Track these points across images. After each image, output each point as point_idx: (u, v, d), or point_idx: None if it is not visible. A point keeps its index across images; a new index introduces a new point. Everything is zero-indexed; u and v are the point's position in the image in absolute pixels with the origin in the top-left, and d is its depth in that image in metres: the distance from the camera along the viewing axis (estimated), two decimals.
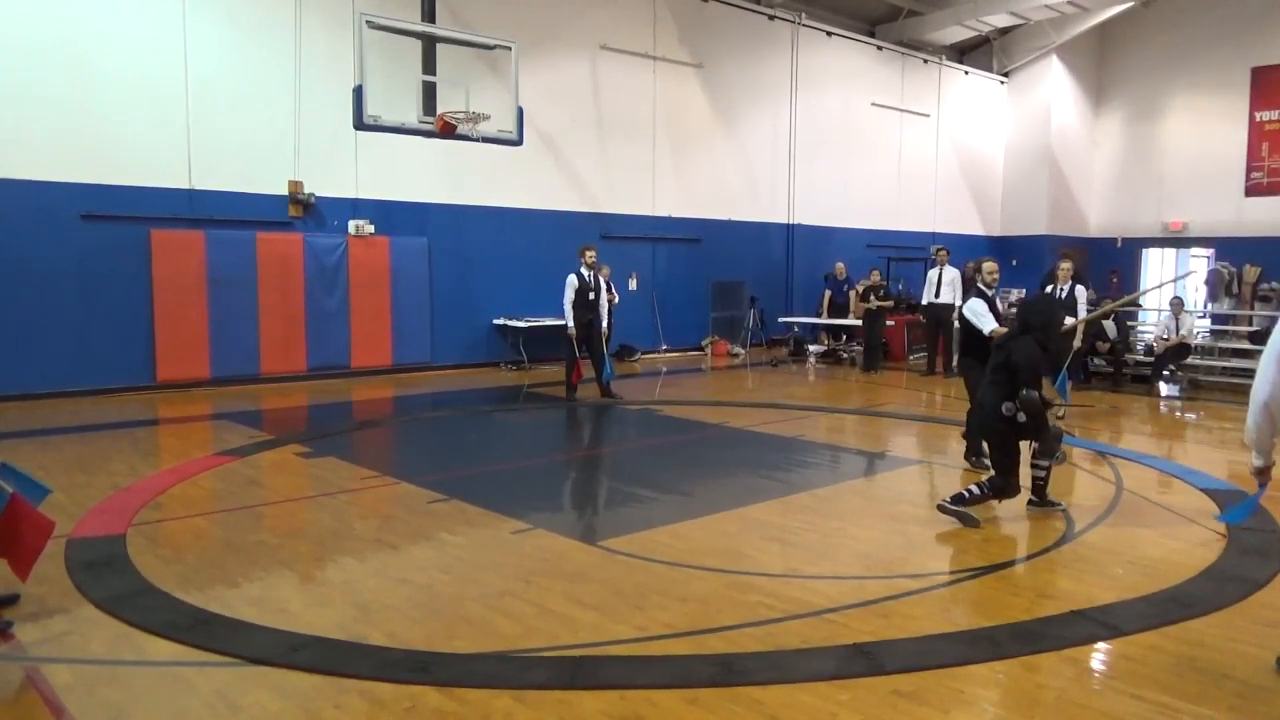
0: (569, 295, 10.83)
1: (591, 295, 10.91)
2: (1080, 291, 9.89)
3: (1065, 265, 10.19)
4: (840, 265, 16.56)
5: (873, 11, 20.21)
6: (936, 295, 13.79)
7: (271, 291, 11.97)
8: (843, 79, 19.36)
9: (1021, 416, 5.85)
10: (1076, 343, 9.59)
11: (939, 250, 14.41)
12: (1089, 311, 13.29)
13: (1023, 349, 5.87)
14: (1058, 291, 9.97)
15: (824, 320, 16.49)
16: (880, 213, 20.40)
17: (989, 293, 7.51)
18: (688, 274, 16.89)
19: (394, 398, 11.55)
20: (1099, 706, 3.49)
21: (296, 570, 5.03)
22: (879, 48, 20.22)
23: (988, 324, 7.23)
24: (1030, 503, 6.29)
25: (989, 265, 7.91)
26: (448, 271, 13.69)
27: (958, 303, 14.15)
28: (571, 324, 10.83)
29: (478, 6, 13.40)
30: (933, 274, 14.02)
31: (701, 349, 16.95)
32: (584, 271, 10.93)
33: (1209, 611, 4.41)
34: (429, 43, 11.26)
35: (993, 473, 6.07)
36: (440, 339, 13.71)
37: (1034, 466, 6.20)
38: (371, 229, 12.77)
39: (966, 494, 5.98)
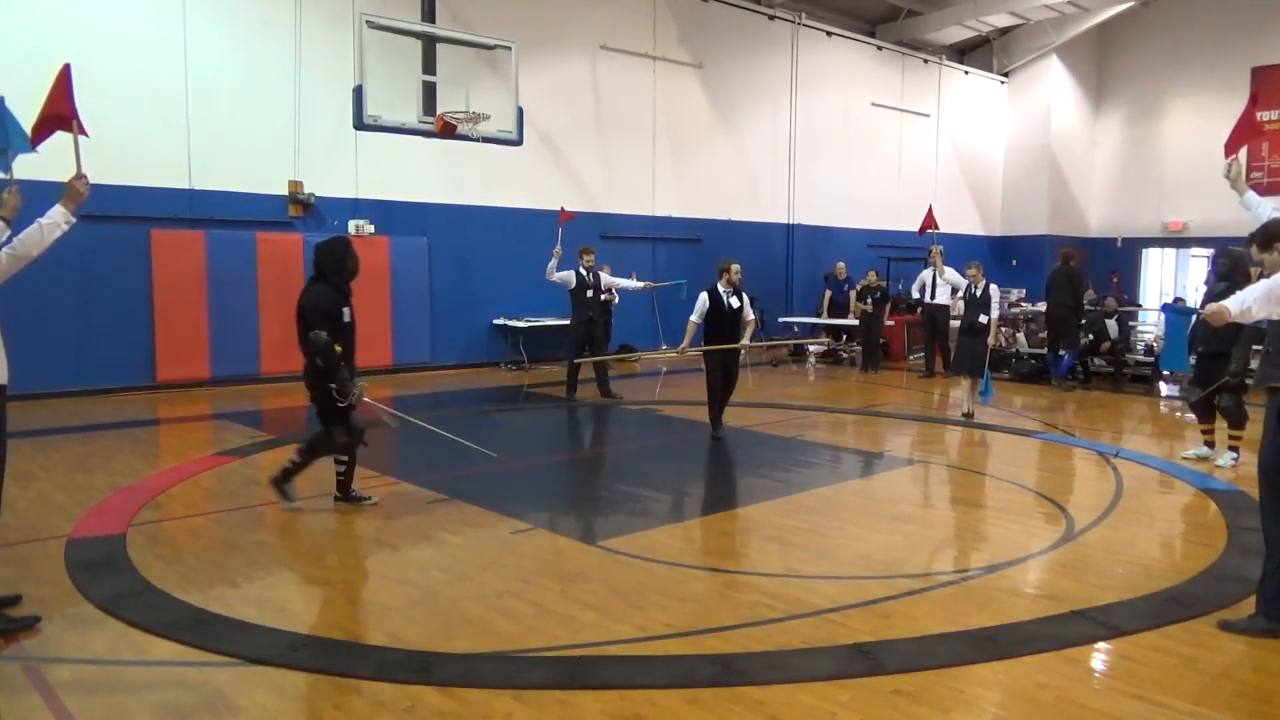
0: (570, 280, 11.00)
1: (590, 293, 10.97)
2: (993, 290, 10.18)
3: (973, 269, 10.51)
4: (840, 265, 16.55)
5: (873, 11, 20.20)
6: (933, 296, 13.73)
7: (271, 291, 11.93)
8: (843, 79, 19.35)
9: (349, 397, 5.86)
10: (991, 341, 10.02)
11: (933, 249, 14.37)
12: (1088, 311, 13.27)
13: (311, 293, 6.15)
14: (974, 290, 10.29)
15: (824, 320, 16.48)
16: (880, 213, 20.36)
17: (723, 289, 8.39)
18: (688, 274, 16.77)
19: (394, 398, 11.53)
20: (1099, 706, 3.49)
21: (296, 570, 5.03)
22: (879, 48, 20.21)
23: (692, 315, 8.50)
24: (335, 497, 6.23)
25: (734, 265, 8.53)
26: (448, 271, 13.68)
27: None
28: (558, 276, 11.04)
29: (478, 6, 13.39)
30: (926, 274, 13.86)
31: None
32: (582, 270, 11.01)
33: (1209, 611, 4.41)
34: (429, 43, 11.25)
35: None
36: (440, 339, 13.71)
37: (301, 453, 6.08)
38: (371, 229, 12.76)
39: (290, 464, 6.00)
